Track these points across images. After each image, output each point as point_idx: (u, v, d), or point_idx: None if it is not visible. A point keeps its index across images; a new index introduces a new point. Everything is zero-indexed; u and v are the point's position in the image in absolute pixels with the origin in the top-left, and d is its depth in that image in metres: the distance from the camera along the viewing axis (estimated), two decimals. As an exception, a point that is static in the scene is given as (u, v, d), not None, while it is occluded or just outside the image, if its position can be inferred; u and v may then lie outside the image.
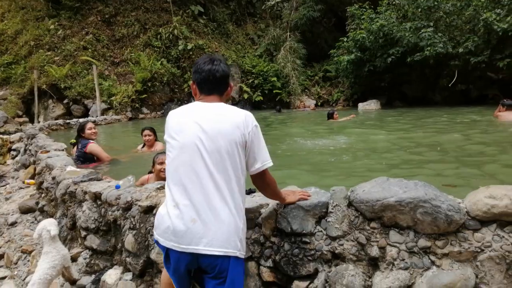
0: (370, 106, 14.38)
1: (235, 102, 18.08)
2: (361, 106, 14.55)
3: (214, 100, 2.05)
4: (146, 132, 6.05)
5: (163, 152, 5.95)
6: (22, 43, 16.49)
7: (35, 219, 4.55)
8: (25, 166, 7.27)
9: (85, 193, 3.33)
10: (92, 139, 5.41)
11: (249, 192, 2.69)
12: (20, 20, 17.34)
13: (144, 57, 16.02)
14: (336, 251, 2.20)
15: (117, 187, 3.15)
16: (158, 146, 6.15)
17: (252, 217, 2.40)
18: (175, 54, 17.08)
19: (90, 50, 16.38)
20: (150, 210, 2.82)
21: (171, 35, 17.02)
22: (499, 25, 11.51)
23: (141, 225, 2.82)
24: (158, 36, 17.18)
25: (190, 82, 2.28)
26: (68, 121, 12.17)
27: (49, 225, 2.87)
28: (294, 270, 2.26)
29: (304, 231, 2.25)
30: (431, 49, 12.30)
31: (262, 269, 2.36)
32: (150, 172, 4.16)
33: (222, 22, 19.41)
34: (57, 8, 17.43)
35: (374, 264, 2.14)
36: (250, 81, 17.91)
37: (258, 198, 2.52)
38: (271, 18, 20.24)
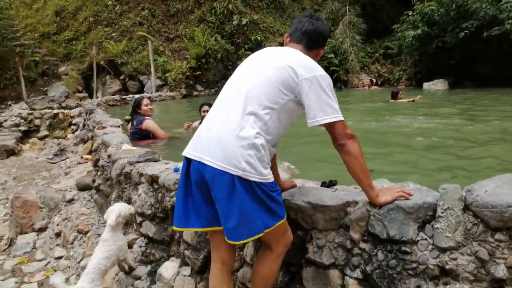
0: (436, 86, 13.23)
1: (289, 80, 17.52)
2: (426, 85, 13.43)
3: (296, 48, 1.92)
4: (205, 108, 5.77)
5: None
6: (82, 19, 16.79)
7: (91, 197, 4.42)
8: (83, 141, 7.30)
9: (141, 175, 3.06)
10: (148, 115, 5.19)
11: (329, 184, 2.25)
12: (80, -4, 17.68)
13: (199, 32, 15.78)
14: (447, 267, 1.72)
15: (176, 170, 2.83)
16: None
17: (336, 217, 1.97)
18: (230, 29, 16.66)
19: (145, 25, 16.38)
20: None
21: (225, 10, 16.59)
22: None
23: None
24: (213, 11, 16.81)
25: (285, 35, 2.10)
26: (124, 96, 12.27)
27: (112, 212, 2.64)
28: (390, 285, 1.81)
29: (404, 238, 1.79)
30: (514, 22, 10.93)
31: (347, 280, 1.94)
32: None
33: (277, -5, 18.68)
34: (113, -16, 17.54)
35: (499, 287, 1.64)
36: (306, 58, 17.18)
37: (342, 193, 2.07)
38: (329, -10, 19.19)
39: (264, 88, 1.75)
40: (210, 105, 5.73)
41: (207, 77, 15.88)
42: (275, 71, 1.77)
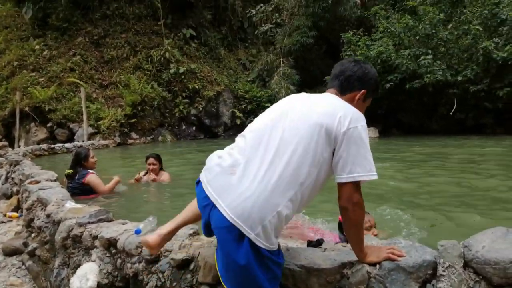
0: (368, 133, 14.04)
1: (227, 128, 17.59)
2: (358, 133, 14.17)
3: (329, 92, 1.83)
4: (151, 160, 5.44)
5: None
6: (5, 63, 15.71)
7: (23, 264, 3.81)
8: (6, 196, 6.49)
9: (95, 238, 2.69)
10: (93, 169, 4.76)
11: (317, 243, 2.12)
12: (3, 40, 16.64)
13: (134, 80, 15.46)
14: (452, 327, 1.64)
15: (137, 231, 2.52)
16: (164, 176, 5.52)
17: (332, 280, 1.83)
18: (166, 77, 16.57)
19: (77, 71, 15.69)
20: (186, 265, 2.21)
21: (162, 58, 16.54)
22: (498, 53, 11.49)
23: (174, 284, 2.21)
24: (149, 59, 16.67)
25: None
26: (52, 146, 11.39)
27: (90, 273, 2.28)
28: None
29: (406, 300, 1.70)
30: (431, 76, 12.16)
31: None
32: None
33: (213, 46, 19.11)
34: (43, 28, 16.81)
35: None
36: (243, 106, 17.50)
37: (333, 254, 1.94)
38: (262, 44, 20.08)
39: (307, 149, 1.59)
40: (155, 157, 5.45)
41: (143, 124, 15.40)
42: (318, 121, 1.63)
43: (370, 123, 14.31)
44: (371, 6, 15.60)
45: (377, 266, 1.77)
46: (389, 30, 14.21)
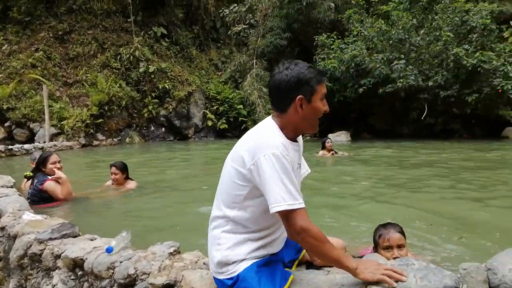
0: (340, 137, 14.04)
1: (198, 130, 17.16)
2: (331, 137, 14.16)
3: (271, 116, 1.71)
4: (113, 169, 4.99)
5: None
6: (-41, 58, 14.67)
7: (-29, 283, 3.34)
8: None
9: (57, 257, 2.32)
10: (53, 175, 4.28)
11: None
12: (-41, 33, 15.54)
13: (102, 78, 14.78)
14: None
15: (109, 250, 2.18)
16: (130, 185, 5.11)
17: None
18: (136, 76, 15.98)
19: (39, 68, 14.86)
20: (167, 290, 1.89)
21: (131, 57, 15.94)
22: (468, 60, 11.72)
23: (154, 313, 1.88)
24: (118, 57, 16.03)
25: None
26: (10, 147, 10.65)
27: None
28: None
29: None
30: (404, 81, 12.27)
31: None
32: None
33: (185, 46, 18.65)
34: (3, 22, 15.84)
35: None
36: (215, 108, 17.12)
37: (338, 277, 1.68)
38: (235, 45, 19.79)
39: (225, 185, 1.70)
40: (118, 167, 5.00)
41: (110, 125, 14.75)
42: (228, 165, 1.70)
43: (341, 127, 14.50)
44: (344, 10, 15.63)
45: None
46: (362, 34, 14.26)
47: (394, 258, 1.97)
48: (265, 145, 1.53)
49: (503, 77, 11.75)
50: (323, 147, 8.89)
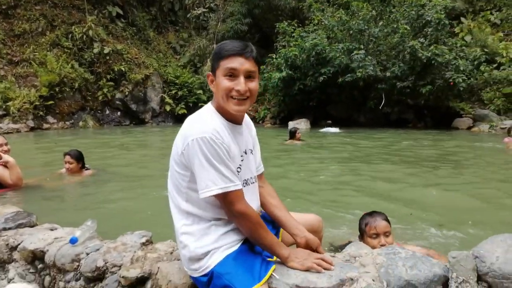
0: (300, 125, 14.14)
1: (155, 114, 16.67)
2: (291, 124, 14.27)
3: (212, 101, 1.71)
4: (67, 158, 4.66)
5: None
6: None
7: None
8: None
9: (13, 249, 2.11)
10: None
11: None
12: None
13: (51, 57, 13.91)
14: None
15: (73, 240, 2.02)
16: (86, 174, 4.82)
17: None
18: (89, 57, 15.18)
19: (-20, 44, 13.72)
20: (140, 284, 1.76)
21: (85, 36, 15.09)
22: (423, 53, 12.15)
23: (125, 309, 1.75)
24: (69, 36, 15.11)
25: None
26: None
27: None
28: None
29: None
30: (363, 71, 12.52)
31: None
32: None
33: (142, 27, 17.94)
34: None
35: None
36: (173, 92, 16.68)
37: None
38: (194, 28, 19.31)
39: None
40: (72, 156, 4.67)
41: (61, 107, 13.96)
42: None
43: (301, 115, 14.59)
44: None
45: (385, 283, 1.51)
46: (323, 23, 14.36)
47: (381, 246, 1.97)
48: (194, 130, 1.53)
49: (454, 70, 12.31)
50: (293, 137, 8.92)
